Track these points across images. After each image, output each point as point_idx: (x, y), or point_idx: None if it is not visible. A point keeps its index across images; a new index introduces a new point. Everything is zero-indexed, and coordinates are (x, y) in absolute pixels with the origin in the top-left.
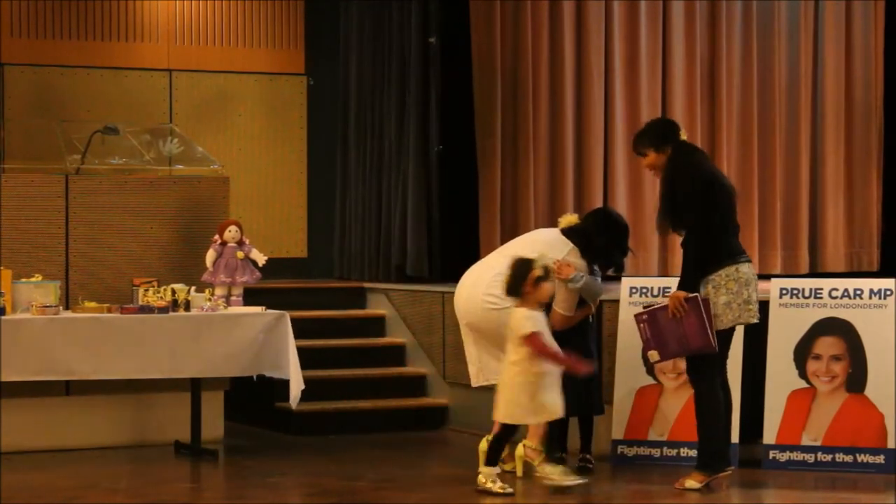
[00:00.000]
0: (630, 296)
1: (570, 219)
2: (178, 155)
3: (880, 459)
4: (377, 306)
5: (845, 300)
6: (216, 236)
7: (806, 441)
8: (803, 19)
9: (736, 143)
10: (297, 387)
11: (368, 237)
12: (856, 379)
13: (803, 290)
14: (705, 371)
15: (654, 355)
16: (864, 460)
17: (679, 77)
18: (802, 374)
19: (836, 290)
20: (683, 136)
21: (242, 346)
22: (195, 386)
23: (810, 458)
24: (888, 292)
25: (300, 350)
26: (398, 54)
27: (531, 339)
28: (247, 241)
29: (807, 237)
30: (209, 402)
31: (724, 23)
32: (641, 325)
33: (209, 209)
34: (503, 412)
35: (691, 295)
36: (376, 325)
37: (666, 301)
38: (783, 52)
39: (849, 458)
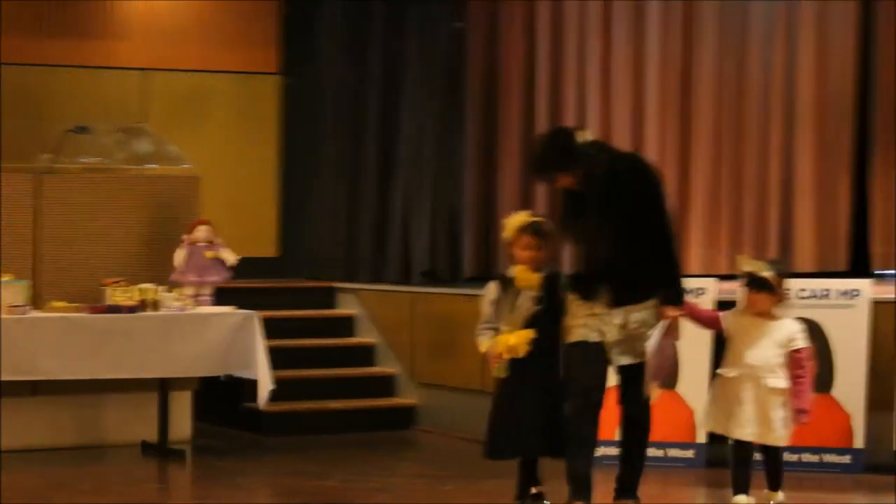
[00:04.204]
0: None
1: None
2: (149, 154)
3: (847, 459)
4: (347, 306)
5: (813, 300)
6: (186, 235)
7: None
8: (778, 21)
9: (708, 144)
10: (265, 387)
11: (340, 237)
12: (823, 379)
13: None
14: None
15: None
16: (831, 460)
17: (653, 79)
18: None
19: (804, 290)
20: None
21: (211, 346)
22: (163, 386)
23: None
24: (856, 293)
25: (270, 350)
26: (375, 54)
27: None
28: (217, 241)
29: (777, 238)
30: (177, 401)
31: (699, 24)
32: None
33: (180, 208)
34: None
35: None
36: (346, 325)
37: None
38: (757, 54)
39: (815, 458)
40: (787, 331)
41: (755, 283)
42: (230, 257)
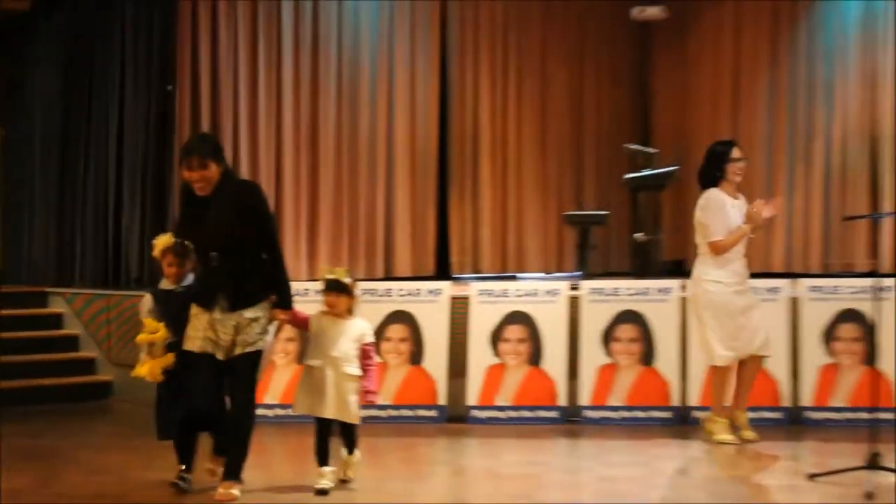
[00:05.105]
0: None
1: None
2: None
3: (434, 413)
4: (57, 306)
5: (409, 297)
6: None
7: (383, 401)
8: (381, 84)
9: (331, 182)
10: None
11: (51, 250)
12: (416, 355)
13: (377, 289)
14: (256, 386)
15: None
16: (423, 414)
17: (288, 133)
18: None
19: (402, 290)
20: None
21: None
22: None
23: (384, 413)
24: (440, 291)
25: None
26: (79, 103)
27: None
28: None
29: (382, 250)
30: None
31: (322, 92)
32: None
33: None
34: None
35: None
36: (56, 321)
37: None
38: (367, 110)
39: (411, 413)
40: (359, 328)
41: (335, 288)
42: None
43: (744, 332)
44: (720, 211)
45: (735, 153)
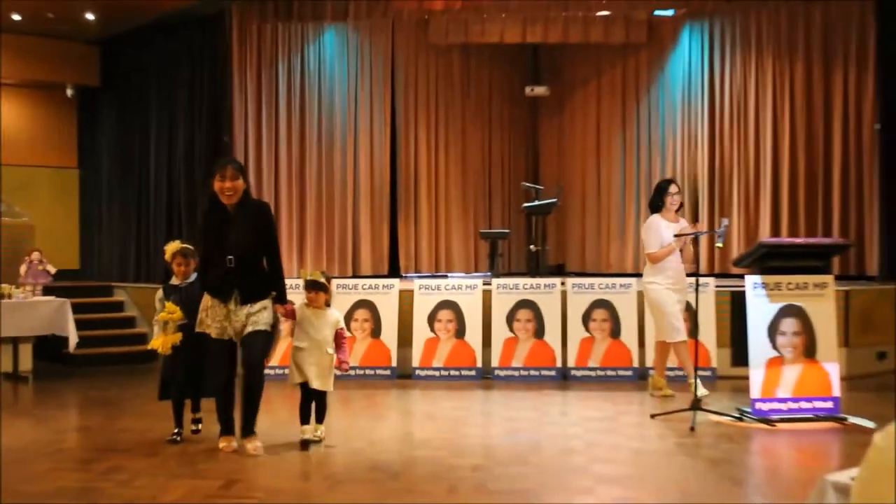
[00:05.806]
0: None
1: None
2: (5, 212)
3: (388, 373)
4: (120, 295)
5: (371, 290)
6: (27, 256)
7: (352, 364)
8: (349, 141)
9: (314, 206)
10: (73, 340)
11: (115, 257)
12: (375, 331)
13: (348, 284)
14: (265, 358)
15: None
16: (380, 374)
17: (283, 171)
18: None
19: (367, 285)
20: None
21: (42, 319)
22: (14, 340)
23: (352, 372)
24: (392, 286)
25: (76, 320)
26: (140, 157)
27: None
28: (44, 260)
29: (351, 255)
30: (24, 349)
31: (307, 143)
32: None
33: (23, 242)
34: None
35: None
36: (119, 306)
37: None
38: (338, 155)
39: (371, 372)
40: (334, 316)
41: (314, 286)
42: (51, 269)
43: (679, 318)
44: (656, 231)
45: (672, 189)
